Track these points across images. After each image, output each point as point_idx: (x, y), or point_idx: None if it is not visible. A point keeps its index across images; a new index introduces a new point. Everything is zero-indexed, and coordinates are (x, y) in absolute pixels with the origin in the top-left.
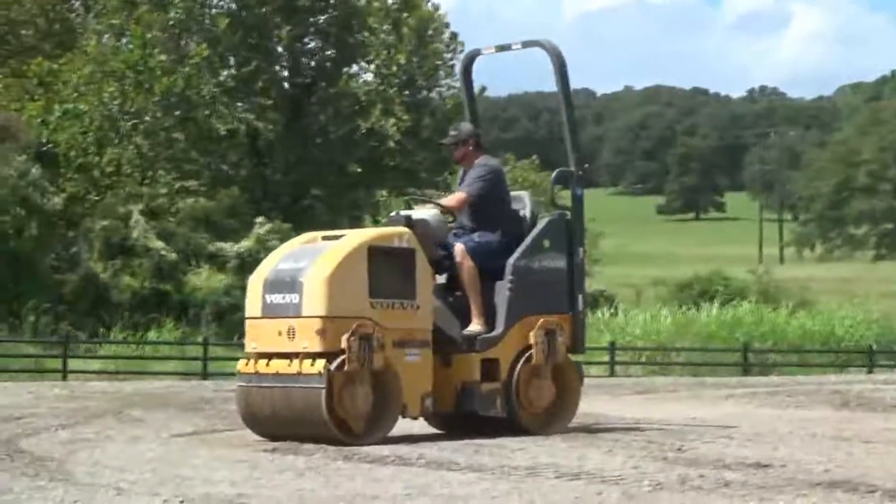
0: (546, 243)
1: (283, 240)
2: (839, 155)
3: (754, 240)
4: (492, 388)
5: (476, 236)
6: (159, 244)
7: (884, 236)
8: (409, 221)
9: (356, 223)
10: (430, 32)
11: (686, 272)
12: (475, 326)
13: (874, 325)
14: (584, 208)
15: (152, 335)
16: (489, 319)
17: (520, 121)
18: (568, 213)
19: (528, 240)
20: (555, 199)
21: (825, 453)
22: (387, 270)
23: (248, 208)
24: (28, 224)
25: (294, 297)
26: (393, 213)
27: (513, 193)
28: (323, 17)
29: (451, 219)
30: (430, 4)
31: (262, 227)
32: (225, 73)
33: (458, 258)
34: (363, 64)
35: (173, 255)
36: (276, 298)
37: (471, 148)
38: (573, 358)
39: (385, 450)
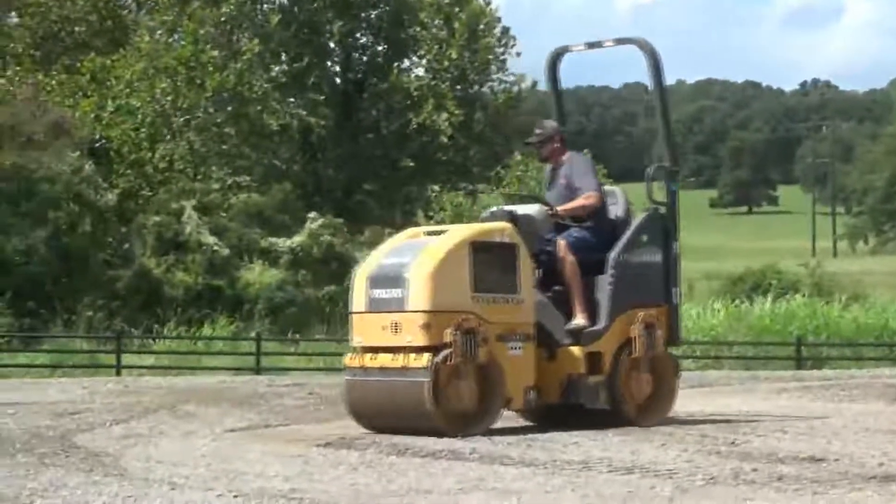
0: (644, 238)
1: (335, 235)
2: (892, 147)
3: (807, 233)
4: (597, 381)
5: (574, 231)
6: (212, 240)
7: None
8: (512, 216)
9: (408, 218)
10: (481, 27)
11: (739, 266)
12: (579, 320)
13: None
14: (678, 203)
15: (206, 331)
16: (591, 313)
17: (572, 115)
18: (663, 208)
19: (627, 234)
20: (651, 194)
21: (879, 447)
22: (489, 265)
23: (300, 203)
24: (81, 220)
25: (398, 292)
26: (494, 208)
27: (606, 188)
28: (375, 13)
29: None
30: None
31: (314, 222)
32: (277, 68)
33: (560, 253)
34: (415, 59)
35: (226, 251)
36: (381, 293)
37: (557, 145)
38: (670, 350)
39: (438, 444)
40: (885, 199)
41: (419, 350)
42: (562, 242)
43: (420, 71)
